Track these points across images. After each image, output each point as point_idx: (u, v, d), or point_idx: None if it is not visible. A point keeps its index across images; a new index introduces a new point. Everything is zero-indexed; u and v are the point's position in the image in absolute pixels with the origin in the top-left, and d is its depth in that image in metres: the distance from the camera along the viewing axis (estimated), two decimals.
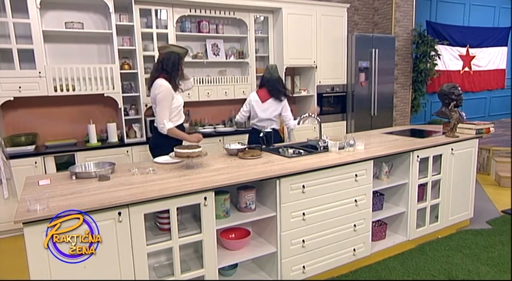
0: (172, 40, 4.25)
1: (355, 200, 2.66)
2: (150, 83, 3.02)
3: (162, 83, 2.87)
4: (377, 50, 5.42)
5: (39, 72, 3.58)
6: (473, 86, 8.18)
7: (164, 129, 2.91)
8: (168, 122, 2.92)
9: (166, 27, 4.24)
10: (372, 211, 2.81)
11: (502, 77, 8.65)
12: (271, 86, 3.54)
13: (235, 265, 2.48)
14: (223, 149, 2.97)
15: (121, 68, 4.01)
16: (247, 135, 4.42)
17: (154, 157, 2.96)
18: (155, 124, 3.03)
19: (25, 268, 1.66)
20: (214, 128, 4.70)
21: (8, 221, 3.29)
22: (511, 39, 8.59)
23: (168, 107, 2.90)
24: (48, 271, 1.68)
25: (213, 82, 4.57)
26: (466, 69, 7.99)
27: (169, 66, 2.90)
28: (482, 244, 3.14)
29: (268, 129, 3.20)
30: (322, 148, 2.90)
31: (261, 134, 3.11)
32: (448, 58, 7.62)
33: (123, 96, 3.97)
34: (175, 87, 2.95)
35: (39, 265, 1.67)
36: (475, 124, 3.33)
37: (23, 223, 1.62)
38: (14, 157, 3.34)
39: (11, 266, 2.90)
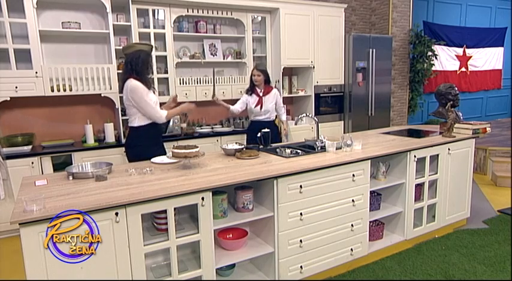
0: (169, 40, 4.25)
1: (353, 200, 2.66)
2: (121, 85, 2.94)
3: (133, 83, 2.79)
4: (374, 50, 5.43)
5: (36, 72, 3.56)
6: (470, 86, 8.22)
7: (163, 118, 2.91)
8: (160, 110, 2.90)
9: (163, 27, 4.24)
10: (369, 210, 2.81)
11: (498, 77, 8.70)
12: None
13: (233, 265, 2.48)
14: (220, 149, 2.97)
15: (118, 68, 3.98)
16: (245, 135, 4.42)
17: (129, 158, 2.94)
18: (130, 124, 2.96)
19: (22, 269, 1.65)
20: (212, 128, 4.70)
21: (5, 222, 3.26)
22: (509, 40, 8.62)
23: (149, 101, 2.84)
24: (45, 271, 1.67)
25: (211, 82, 4.55)
26: (463, 69, 8.03)
27: (139, 66, 2.84)
28: (479, 244, 3.15)
29: (266, 130, 3.20)
30: (319, 148, 2.90)
31: (259, 134, 3.11)
32: (445, 58, 7.65)
33: (120, 97, 3.94)
34: (148, 86, 2.88)
35: (35, 266, 1.66)
36: (471, 124, 3.34)
37: (19, 224, 1.61)
38: (11, 157, 3.32)
39: (9, 267, 2.89)
